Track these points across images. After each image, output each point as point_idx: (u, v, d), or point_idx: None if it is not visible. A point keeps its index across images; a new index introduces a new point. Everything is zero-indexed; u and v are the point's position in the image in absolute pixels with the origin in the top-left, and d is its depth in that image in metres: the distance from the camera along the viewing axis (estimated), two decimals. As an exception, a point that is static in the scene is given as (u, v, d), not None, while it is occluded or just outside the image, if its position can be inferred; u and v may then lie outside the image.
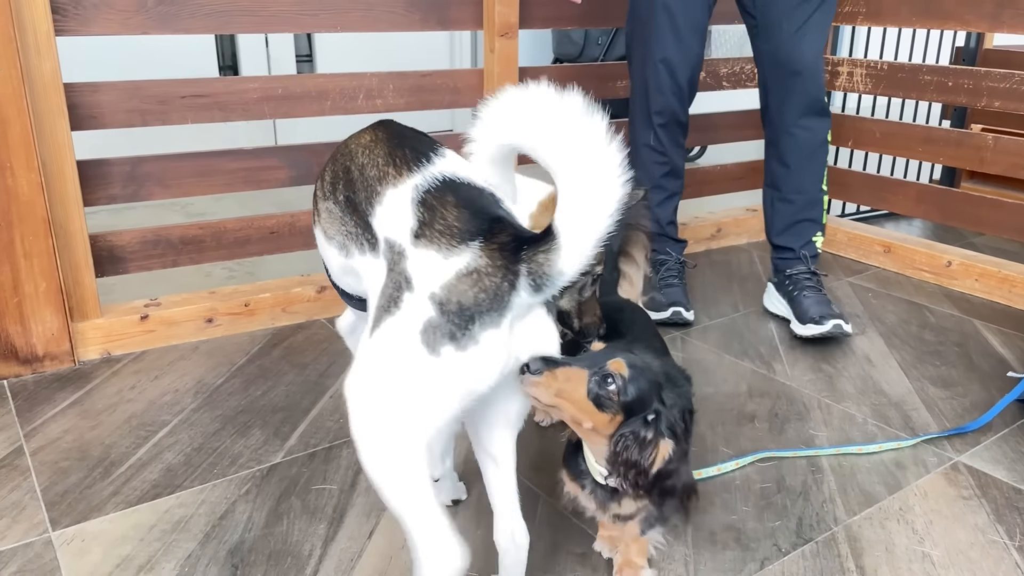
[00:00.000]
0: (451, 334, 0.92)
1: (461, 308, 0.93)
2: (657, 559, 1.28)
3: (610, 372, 1.01)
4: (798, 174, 2.15)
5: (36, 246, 1.76)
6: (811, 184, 2.16)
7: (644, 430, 1.02)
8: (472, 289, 0.93)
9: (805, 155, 2.13)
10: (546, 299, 0.99)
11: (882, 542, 1.33)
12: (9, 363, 1.80)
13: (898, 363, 1.95)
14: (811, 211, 2.19)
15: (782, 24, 1.99)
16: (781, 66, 2.05)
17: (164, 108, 1.91)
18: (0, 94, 1.65)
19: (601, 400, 1.01)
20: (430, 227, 0.98)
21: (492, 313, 0.93)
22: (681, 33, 2.02)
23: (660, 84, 2.07)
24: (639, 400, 1.03)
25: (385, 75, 2.14)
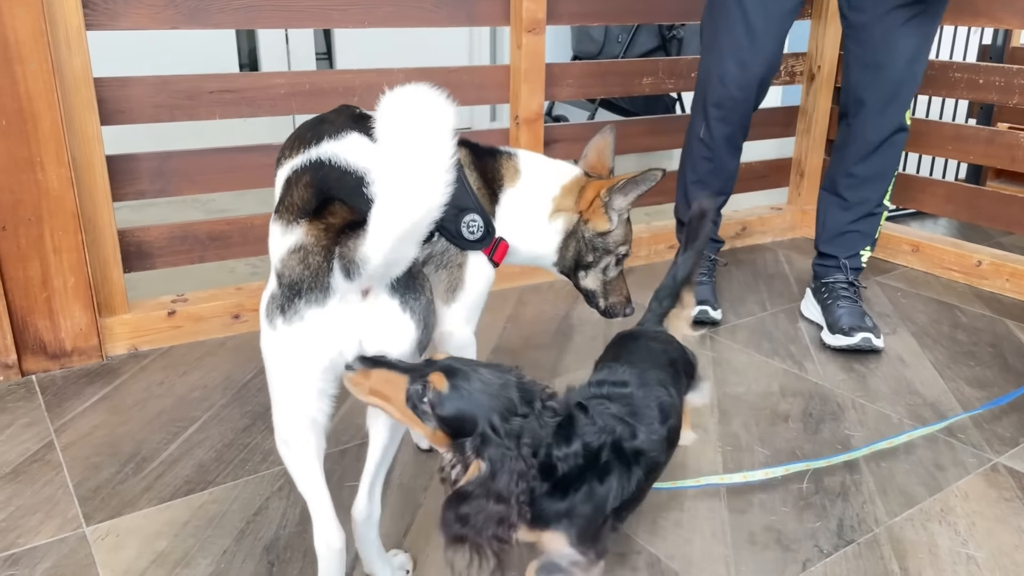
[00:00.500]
0: (282, 308, 0.97)
1: (291, 283, 0.96)
2: (696, 559, 1.26)
3: (426, 384, 0.95)
4: (862, 185, 2.07)
5: (66, 241, 1.75)
6: (873, 196, 2.08)
7: (469, 451, 0.94)
8: (299, 266, 0.96)
9: (876, 167, 2.04)
10: (364, 286, 0.97)
11: (925, 544, 1.31)
12: (38, 358, 1.80)
13: (932, 363, 1.93)
14: (866, 224, 2.11)
15: (874, 28, 1.90)
16: (867, 71, 1.95)
17: (192, 103, 1.91)
18: (31, 88, 1.65)
19: (418, 410, 0.96)
20: (282, 204, 1.05)
21: (315, 291, 0.95)
22: (755, 29, 1.93)
23: (723, 77, 1.98)
24: (458, 419, 0.94)
25: (411, 71, 2.12)
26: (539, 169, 1.43)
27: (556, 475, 0.97)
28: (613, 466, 1.03)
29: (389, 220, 0.90)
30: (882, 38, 1.90)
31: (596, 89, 2.49)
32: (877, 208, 2.10)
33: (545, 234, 1.42)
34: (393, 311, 1.00)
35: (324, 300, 0.96)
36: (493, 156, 1.41)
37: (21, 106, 1.64)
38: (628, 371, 1.18)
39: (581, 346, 1.96)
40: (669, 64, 2.58)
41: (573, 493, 1.00)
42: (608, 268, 1.45)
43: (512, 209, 1.38)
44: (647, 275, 2.50)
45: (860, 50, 1.95)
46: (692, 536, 1.31)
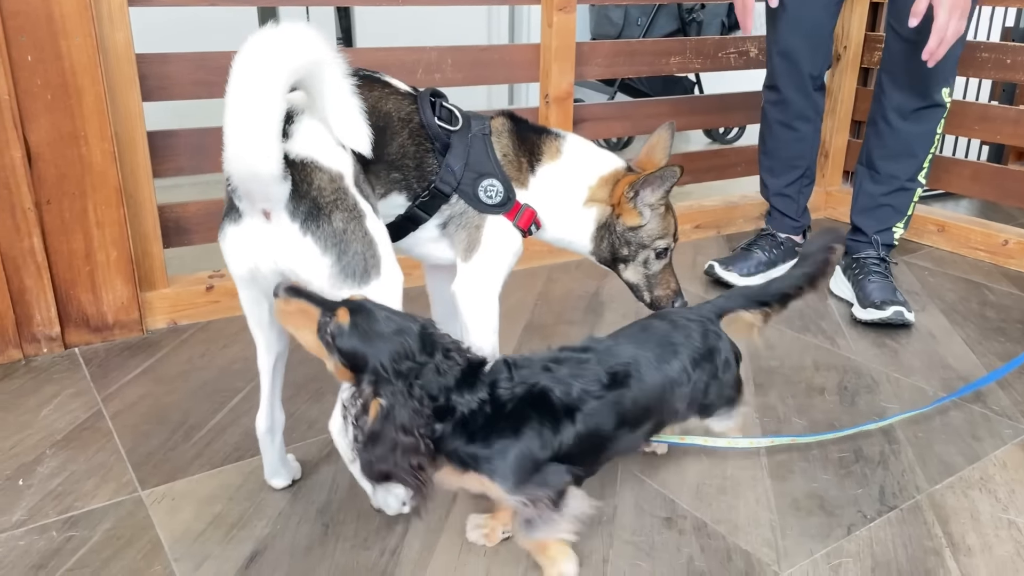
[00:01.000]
0: (221, 220, 1.16)
1: (226, 202, 1.16)
2: (742, 524, 1.28)
3: (330, 317, 1.03)
4: (892, 159, 2.10)
5: (108, 215, 1.78)
6: (903, 171, 2.10)
7: (365, 387, 1.02)
8: (226, 190, 1.15)
9: (905, 141, 2.07)
10: (259, 207, 1.10)
11: (967, 510, 1.33)
12: (80, 331, 1.82)
13: (963, 339, 1.94)
14: (897, 198, 2.13)
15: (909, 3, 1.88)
16: (902, 45, 1.96)
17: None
18: (75, 62, 1.66)
19: (325, 342, 1.04)
20: None
21: (231, 212, 1.13)
22: (803, 24, 2.06)
23: (777, 72, 2.14)
24: (353, 354, 1.02)
25: (444, 49, 2.14)
26: (581, 154, 1.43)
27: (457, 417, 1.04)
28: (531, 416, 1.08)
29: (236, 142, 1.04)
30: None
31: (624, 68, 2.50)
32: (909, 184, 2.11)
33: (578, 220, 1.43)
34: (293, 233, 1.09)
35: (237, 219, 1.13)
36: (539, 132, 1.42)
37: (66, 80, 1.66)
38: (606, 343, 1.23)
39: (612, 323, 1.97)
40: (696, 44, 2.58)
41: (492, 438, 1.05)
42: (648, 262, 1.45)
43: (546, 185, 1.40)
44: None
45: (898, 24, 1.96)
46: (736, 502, 1.34)
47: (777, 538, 1.25)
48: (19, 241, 1.69)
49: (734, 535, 1.26)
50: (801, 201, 2.31)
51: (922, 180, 2.12)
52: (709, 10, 3.97)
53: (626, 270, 1.47)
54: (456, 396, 1.04)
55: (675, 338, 1.27)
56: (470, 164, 1.33)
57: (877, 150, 2.12)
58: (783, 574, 1.18)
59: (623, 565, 1.18)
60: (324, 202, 1.11)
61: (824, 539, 1.25)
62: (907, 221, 2.17)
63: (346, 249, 1.11)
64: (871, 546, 1.24)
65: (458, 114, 1.35)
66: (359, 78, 1.20)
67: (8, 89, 1.60)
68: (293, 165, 1.10)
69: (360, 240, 1.13)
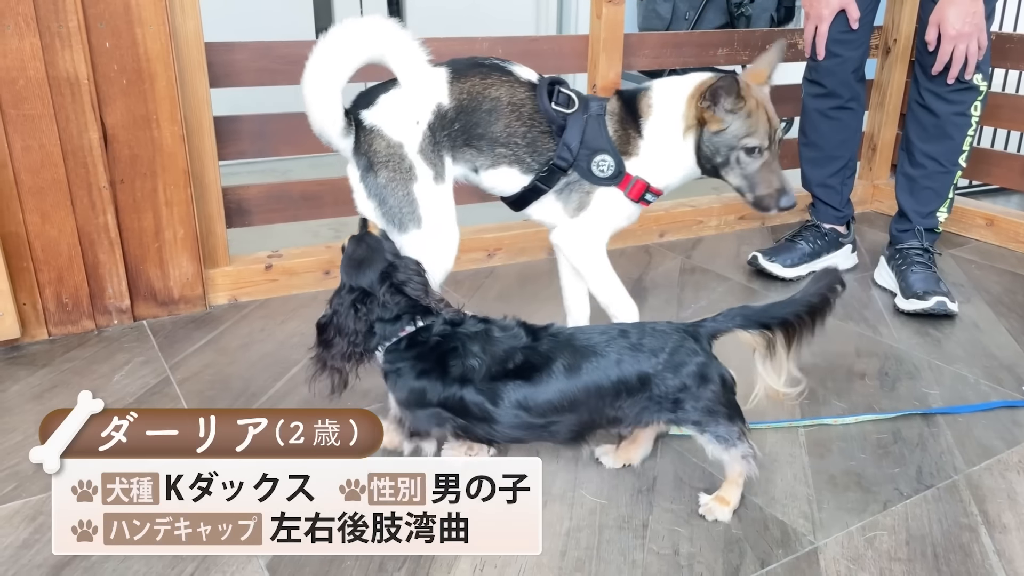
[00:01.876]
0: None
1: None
2: (779, 497, 1.32)
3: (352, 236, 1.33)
4: (929, 140, 2.12)
5: (176, 195, 1.87)
6: (939, 153, 2.12)
7: (333, 296, 1.31)
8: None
9: (940, 123, 2.09)
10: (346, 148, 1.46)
11: (1003, 490, 1.35)
12: (148, 304, 1.93)
13: (1007, 330, 1.95)
14: (937, 181, 2.15)
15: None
16: (933, 30, 1.99)
17: (292, 68, 1.98)
18: (150, 49, 1.76)
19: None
20: None
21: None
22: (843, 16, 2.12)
23: (819, 65, 2.22)
24: (341, 271, 1.30)
25: (496, 40, 2.20)
26: (665, 96, 1.54)
27: (374, 340, 1.28)
28: (432, 365, 1.24)
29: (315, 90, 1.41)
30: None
31: (671, 60, 2.53)
32: (948, 166, 2.13)
33: (685, 153, 1.54)
34: (355, 178, 1.47)
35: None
36: (635, 96, 1.56)
37: (140, 66, 1.76)
38: (568, 334, 1.28)
39: (656, 308, 2.02)
40: (744, 36, 2.61)
41: (398, 362, 1.27)
42: (741, 162, 1.52)
43: (652, 144, 1.54)
44: (715, 245, 2.55)
45: (926, 16, 2.02)
46: (773, 476, 1.38)
47: (814, 511, 1.29)
48: (94, 218, 1.80)
49: (771, 507, 1.30)
50: (845, 192, 2.33)
51: (962, 163, 2.14)
52: (758, 4, 3.97)
53: (728, 175, 1.55)
54: (380, 325, 1.27)
55: (644, 346, 1.23)
56: (585, 142, 1.51)
57: (914, 133, 2.15)
58: (819, 543, 1.22)
59: (661, 530, 1.23)
60: (376, 161, 1.43)
61: (860, 513, 1.29)
62: (950, 204, 2.18)
63: (385, 200, 1.44)
64: (907, 521, 1.27)
65: (575, 98, 1.52)
66: (484, 66, 1.48)
67: (87, 74, 1.70)
68: (362, 128, 1.44)
69: (401, 197, 1.44)
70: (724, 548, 1.20)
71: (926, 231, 2.16)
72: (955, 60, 1.97)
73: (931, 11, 1.98)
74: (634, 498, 1.30)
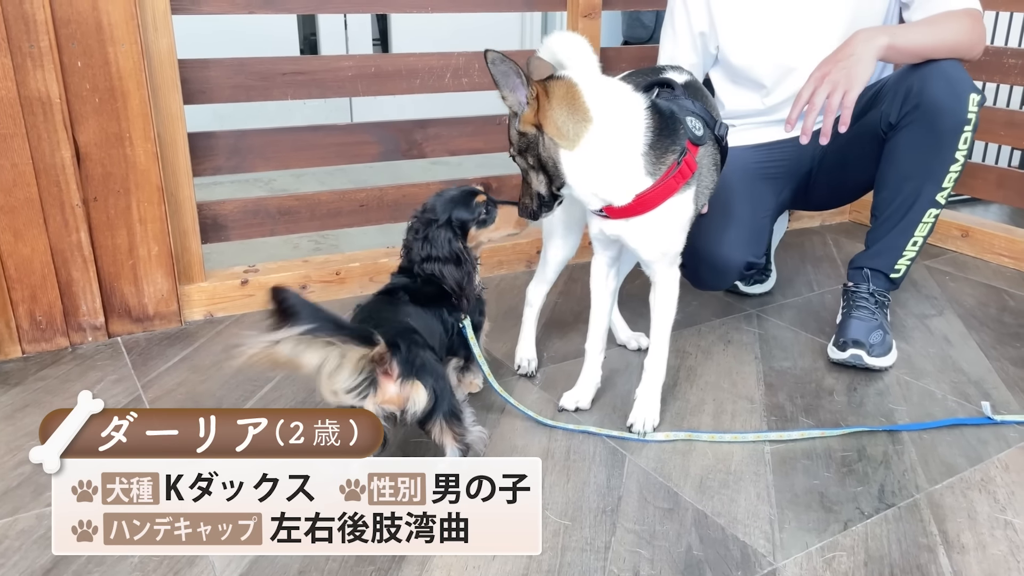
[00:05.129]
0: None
1: None
2: (741, 517, 1.33)
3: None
4: (885, 183, 1.85)
5: (150, 212, 1.88)
6: (901, 198, 1.81)
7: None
8: None
9: (892, 158, 1.82)
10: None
11: (964, 509, 1.36)
12: (123, 321, 1.93)
13: (977, 344, 1.96)
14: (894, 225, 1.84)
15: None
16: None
17: (266, 84, 2.02)
18: (122, 68, 1.77)
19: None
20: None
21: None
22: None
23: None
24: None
25: (472, 55, 2.21)
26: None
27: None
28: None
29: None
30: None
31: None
32: (911, 213, 1.90)
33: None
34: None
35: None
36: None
37: (112, 85, 1.77)
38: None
39: (629, 320, 2.03)
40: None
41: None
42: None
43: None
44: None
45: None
46: (737, 496, 1.39)
47: (775, 531, 1.30)
48: (68, 236, 1.80)
49: (733, 527, 1.31)
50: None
51: (939, 200, 1.86)
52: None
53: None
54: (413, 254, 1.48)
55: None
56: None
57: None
58: (778, 564, 1.23)
59: (623, 552, 1.24)
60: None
61: (821, 533, 1.30)
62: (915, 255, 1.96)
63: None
64: (866, 541, 1.28)
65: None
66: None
67: (59, 93, 1.71)
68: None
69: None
70: (684, 570, 1.21)
71: (873, 272, 1.91)
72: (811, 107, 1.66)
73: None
74: (597, 519, 1.31)
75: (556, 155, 1.38)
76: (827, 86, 1.63)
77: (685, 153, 1.42)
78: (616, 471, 1.44)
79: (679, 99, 1.51)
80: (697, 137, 1.45)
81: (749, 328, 2.05)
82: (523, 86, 1.34)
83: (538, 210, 1.47)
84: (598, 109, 1.36)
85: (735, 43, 1.96)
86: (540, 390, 1.73)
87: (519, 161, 1.44)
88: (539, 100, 1.35)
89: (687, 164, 1.42)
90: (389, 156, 2.22)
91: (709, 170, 1.53)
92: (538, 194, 1.45)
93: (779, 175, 2.00)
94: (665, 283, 1.54)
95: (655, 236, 1.46)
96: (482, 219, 1.49)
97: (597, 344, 1.65)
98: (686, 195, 1.45)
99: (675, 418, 1.62)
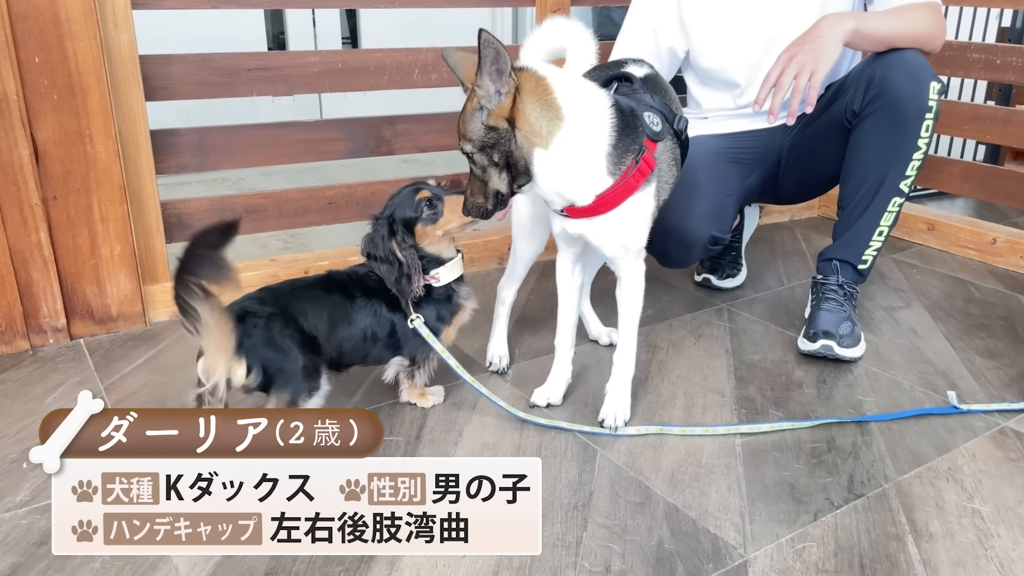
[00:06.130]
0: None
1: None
2: (712, 509, 1.33)
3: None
4: (851, 172, 1.87)
5: (112, 211, 1.84)
6: (867, 187, 1.83)
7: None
8: None
9: (856, 147, 1.85)
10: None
11: (932, 498, 1.37)
12: (86, 323, 1.89)
13: (944, 335, 1.98)
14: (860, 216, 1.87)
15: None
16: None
17: (231, 80, 1.99)
18: (81, 64, 1.73)
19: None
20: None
21: None
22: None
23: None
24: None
25: (440, 50, 2.19)
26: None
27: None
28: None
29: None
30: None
31: (618, 69, 2.54)
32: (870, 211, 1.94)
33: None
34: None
35: None
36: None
37: (71, 81, 1.73)
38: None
39: (602, 316, 2.03)
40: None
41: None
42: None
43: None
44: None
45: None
46: (708, 489, 1.39)
47: (746, 523, 1.30)
48: (27, 236, 1.76)
49: (704, 520, 1.31)
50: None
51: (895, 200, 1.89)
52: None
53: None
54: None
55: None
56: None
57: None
58: (749, 556, 1.23)
59: (595, 547, 1.24)
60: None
61: (791, 524, 1.30)
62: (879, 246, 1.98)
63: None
64: (835, 531, 1.29)
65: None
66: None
67: (16, 89, 1.67)
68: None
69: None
70: (656, 564, 1.21)
71: (843, 262, 1.93)
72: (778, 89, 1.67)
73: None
74: (569, 514, 1.31)
75: (529, 153, 1.34)
76: (794, 67, 1.64)
77: (643, 151, 1.41)
78: (588, 466, 1.44)
79: (637, 94, 1.50)
80: (655, 133, 1.44)
81: (720, 322, 2.05)
82: (507, 75, 1.29)
83: (493, 209, 1.41)
84: (568, 107, 1.33)
85: (706, 46, 1.96)
86: (512, 387, 1.72)
87: (478, 157, 1.37)
88: (518, 93, 1.31)
89: (645, 162, 1.41)
90: (358, 153, 2.19)
91: (669, 165, 1.52)
92: (496, 192, 1.39)
93: (747, 161, 2.02)
94: (630, 278, 1.53)
95: (617, 234, 1.45)
96: (428, 216, 1.48)
97: (567, 340, 1.64)
98: (646, 192, 1.44)
99: (646, 412, 1.62)
